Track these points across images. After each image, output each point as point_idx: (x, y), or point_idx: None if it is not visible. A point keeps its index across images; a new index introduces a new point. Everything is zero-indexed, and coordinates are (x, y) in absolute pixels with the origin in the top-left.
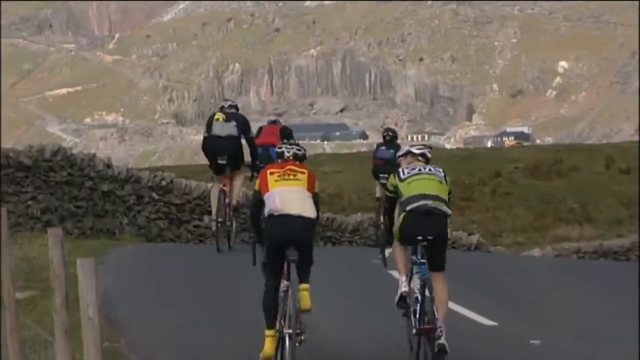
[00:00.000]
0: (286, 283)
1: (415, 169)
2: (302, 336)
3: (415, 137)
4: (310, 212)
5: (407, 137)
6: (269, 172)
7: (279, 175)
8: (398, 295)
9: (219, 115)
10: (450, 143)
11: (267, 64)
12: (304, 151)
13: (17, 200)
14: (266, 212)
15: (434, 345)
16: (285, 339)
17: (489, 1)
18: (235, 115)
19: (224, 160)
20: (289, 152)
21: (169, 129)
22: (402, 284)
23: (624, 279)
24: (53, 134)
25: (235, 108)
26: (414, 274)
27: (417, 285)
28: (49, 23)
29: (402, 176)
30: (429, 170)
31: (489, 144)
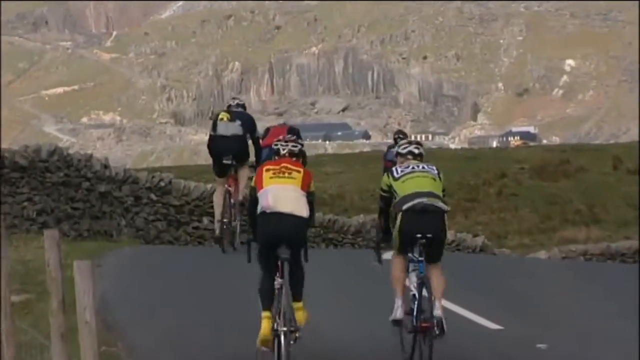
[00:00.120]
0: (279, 281)
1: (408, 167)
2: (297, 333)
3: (419, 137)
4: (302, 211)
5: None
6: (264, 169)
7: (273, 172)
8: (393, 317)
9: (223, 115)
10: (454, 143)
11: (268, 63)
12: (300, 147)
13: (13, 202)
14: (259, 209)
15: (430, 343)
16: (281, 336)
17: None
18: (240, 114)
19: (229, 160)
20: (284, 149)
21: (167, 129)
22: (397, 308)
23: (632, 282)
24: (49, 134)
25: (242, 107)
26: (411, 272)
27: (415, 283)
28: (45, 20)
29: (396, 175)
30: (422, 168)
31: (494, 144)
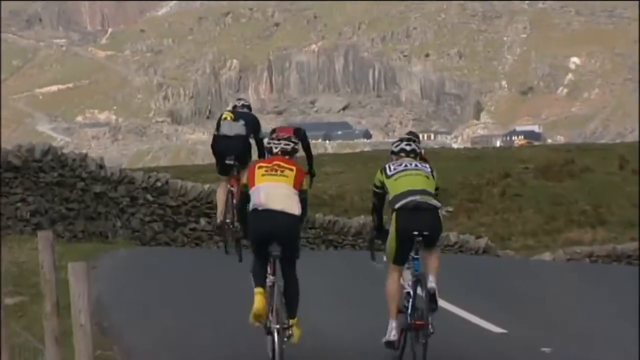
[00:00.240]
0: (272, 278)
1: (401, 164)
2: (290, 330)
3: (421, 136)
4: (294, 209)
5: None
6: (257, 167)
7: (266, 170)
8: (386, 339)
9: (226, 114)
10: (457, 142)
11: (267, 60)
12: (293, 145)
13: (6, 202)
14: (250, 206)
15: (423, 340)
16: (274, 333)
17: None
18: (244, 114)
19: (232, 161)
20: (276, 148)
21: (164, 128)
22: (391, 330)
23: (638, 284)
24: (43, 133)
25: (248, 107)
26: (406, 269)
27: (410, 280)
28: (39, 17)
29: (389, 172)
30: (415, 165)
31: (498, 144)
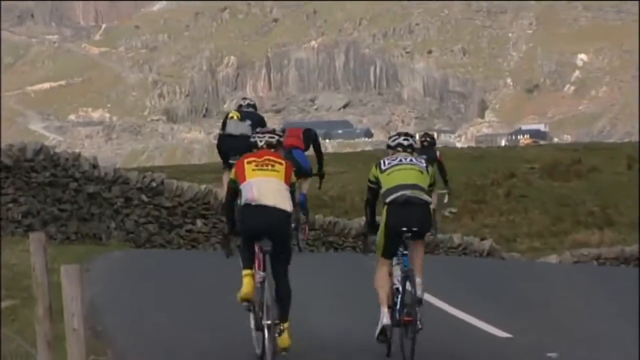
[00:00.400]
0: (262, 274)
1: (396, 159)
2: (281, 326)
3: None
4: (286, 205)
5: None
6: (246, 162)
7: (256, 164)
8: (379, 327)
9: (233, 114)
10: (461, 141)
11: (265, 57)
12: (278, 137)
13: None
14: (242, 201)
15: (412, 335)
16: (264, 329)
17: None
18: (250, 114)
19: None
20: (261, 141)
21: (159, 127)
22: (384, 316)
23: (638, 285)
24: (35, 132)
25: (253, 107)
26: (395, 265)
27: (399, 276)
28: (31, 13)
29: (383, 167)
30: (410, 160)
31: (503, 143)
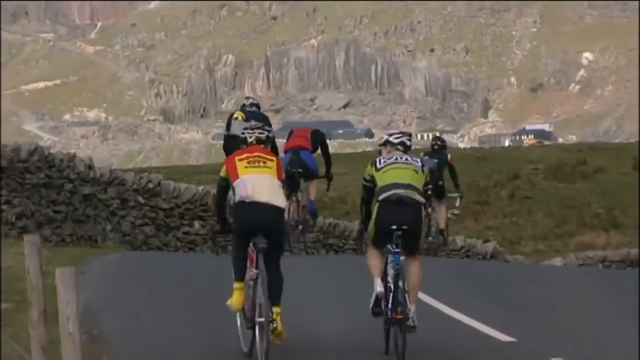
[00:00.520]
0: (255, 271)
1: (391, 158)
2: (274, 324)
3: (425, 136)
4: (280, 201)
5: (417, 136)
6: (237, 159)
7: (248, 161)
8: (373, 298)
9: (238, 114)
10: (463, 142)
11: (264, 56)
12: (267, 133)
13: None
14: (236, 199)
15: (404, 335)
16: (257, 328)
17: None
18: (255, 114)
19: None
20: (251, 137)
21: (155, 127)
22: (377, 285)
23: (638, 285)
24: (29, 132)
25: (256, 107)
26: (387, 263)
27: (391, 274)
28: (25, 10)
29: (379, 165)
30: (405, 159)
31: (507, 143)
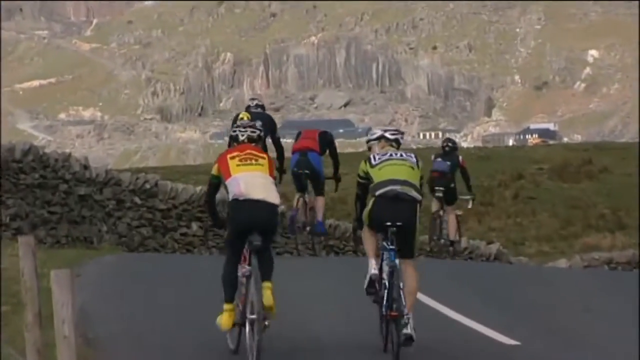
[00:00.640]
0: (248, 268)
1: (386, 154)
2: (266, 322)
3: (427, 135)
4: (274, 198)
5: (419, 135)
6: (229, 157)
7: (240, 159)
8: (367, 279)
9: (243, 115)
10: (467, 141)
11: (263, 53)
12: (258, 132)
13: None
14: (230, 197)
15: (400, 334)
16: (247, 325)
17: None
18: (260, 114)
19: None
20: (243, 135)
21: (152, 126)
22: (372, 266)
23: (638, 285)
24: (24, 132)
25: (261, 107)
26: (383, 260)
27: (386, 271)
28: (20, 7)
29: (373, 162)
30: (400, 155)
31: (511, 142)
